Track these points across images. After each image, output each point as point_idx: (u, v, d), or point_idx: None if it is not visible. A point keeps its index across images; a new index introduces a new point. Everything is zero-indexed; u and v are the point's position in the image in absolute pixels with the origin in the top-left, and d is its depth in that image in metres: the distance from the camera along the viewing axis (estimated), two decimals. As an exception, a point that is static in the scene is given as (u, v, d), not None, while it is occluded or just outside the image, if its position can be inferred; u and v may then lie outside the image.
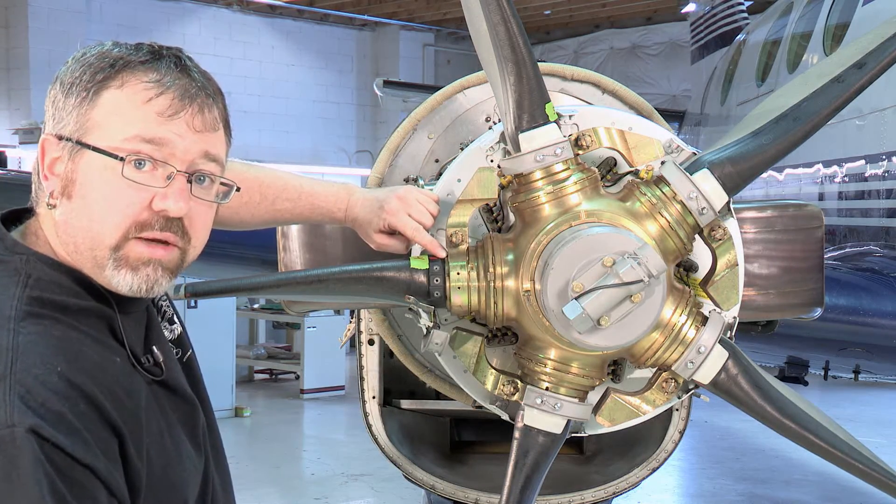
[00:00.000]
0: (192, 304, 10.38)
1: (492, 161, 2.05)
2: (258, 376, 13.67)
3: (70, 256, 1.63)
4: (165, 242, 1.63)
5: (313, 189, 2.16)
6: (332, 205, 2.15)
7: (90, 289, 1.61)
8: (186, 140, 1.62)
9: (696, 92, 12.69)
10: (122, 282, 1.61)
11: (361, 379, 2.71)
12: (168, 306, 1.86)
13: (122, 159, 1.58)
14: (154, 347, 1.69)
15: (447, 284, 2.00)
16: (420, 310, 2.04)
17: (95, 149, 1.59)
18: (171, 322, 1.85)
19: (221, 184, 1.70)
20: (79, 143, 1.61)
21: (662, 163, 2.04)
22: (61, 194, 1.62)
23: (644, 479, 2.73)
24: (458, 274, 2.01)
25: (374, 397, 2.71)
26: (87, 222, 1.60)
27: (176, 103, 1.61)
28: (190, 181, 1.63)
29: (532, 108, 1.95)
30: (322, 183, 2.19)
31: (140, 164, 1.59)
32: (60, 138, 1.62)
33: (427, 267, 2.01)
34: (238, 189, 1.75)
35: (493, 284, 1.99)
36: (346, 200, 2.15)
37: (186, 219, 1.64)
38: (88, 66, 1.63)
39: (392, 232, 2.10)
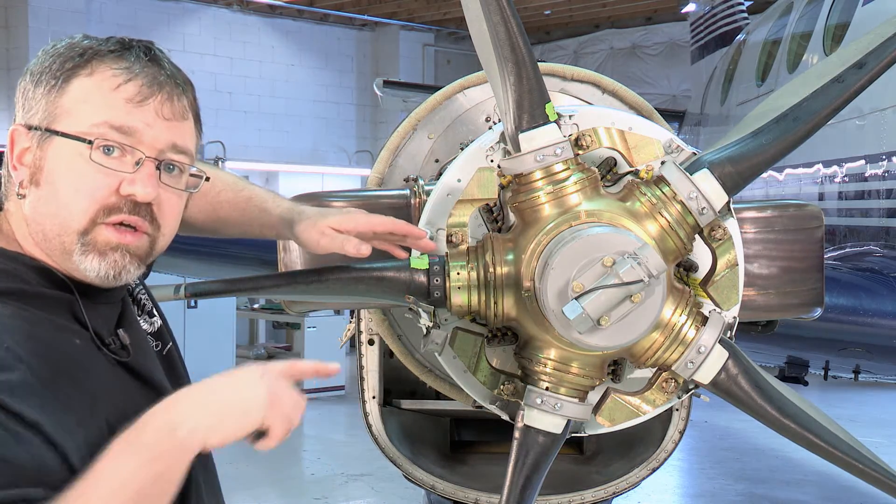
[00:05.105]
0: (192, 304, 10.39)
1: (492, 161, 2.05)
2: (258, 376, 13.64)
3: (39, 246, 1.62)
4: (133, 228, 1.62)
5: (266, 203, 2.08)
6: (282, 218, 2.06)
7: (50, 278, 1.60)
8: (155, 128, 1.62)
9: (696, 92, 12.69)
10: (89, 267, 1.60)
11: (361, 379, 2.71)
12: (148, 300, 1.86)
13: (90, 143, 1.58)
14: (121, 331, 1.68)
15: (447, 284, 2.00)
16: (420, 310, 2.04)
17: (64, 134, 1.59)
18: (151, 315, 1.85)
19: (191, 175, 1.70)
20: (48, 130, 1.60)
21: (662, 163, 2.04)
22: (30, 182, 1.62)
23: (644, 479, 2.73)
24: (458, 274, 2.00)
25: (374, 397, 2.71)
26: (56, 208, 1.60)
27: (144, 90, 1.61)
28: (159, 168, 1.63)
29: (532, 108, 1.95)
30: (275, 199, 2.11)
31: (108, 150, 1.59)
32: (30, 128, 1.62)
33: (427, 267, 2.01)
34: (208, 179, 1.74)
35: (493, 284, 1.99)
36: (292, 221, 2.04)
37: (155, 206, 1.63)
38: (58, 56, 1.64)
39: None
